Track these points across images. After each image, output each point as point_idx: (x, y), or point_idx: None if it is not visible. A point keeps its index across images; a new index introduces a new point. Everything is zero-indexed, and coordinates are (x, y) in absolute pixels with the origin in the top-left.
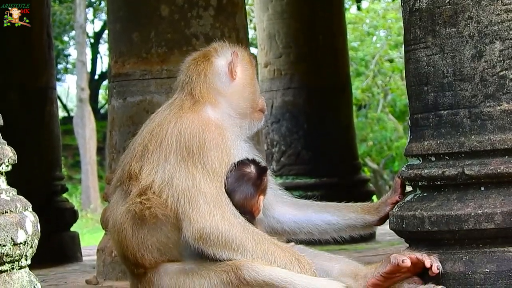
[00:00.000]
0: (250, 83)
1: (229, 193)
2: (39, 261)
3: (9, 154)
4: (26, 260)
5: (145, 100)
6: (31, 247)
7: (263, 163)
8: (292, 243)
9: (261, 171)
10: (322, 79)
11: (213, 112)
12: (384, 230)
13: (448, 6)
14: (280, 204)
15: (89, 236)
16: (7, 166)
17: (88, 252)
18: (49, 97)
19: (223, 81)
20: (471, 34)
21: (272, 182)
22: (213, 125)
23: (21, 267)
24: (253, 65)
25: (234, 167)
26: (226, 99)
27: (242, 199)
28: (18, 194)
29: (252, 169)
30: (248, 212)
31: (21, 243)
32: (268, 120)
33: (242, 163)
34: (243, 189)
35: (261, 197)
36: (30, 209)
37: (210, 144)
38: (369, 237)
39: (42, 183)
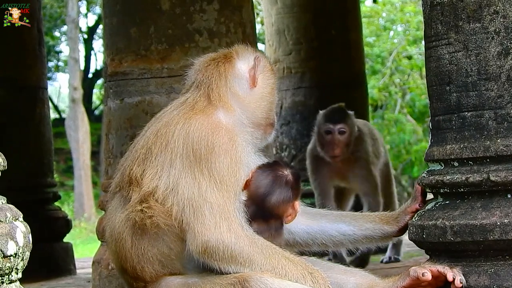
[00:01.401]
0: (270, 93)
1: (265, 195)
2: (30, 274)
3: None
4: (17, 273)
5: (144, 101)
6: (22, 259)
7: (294, 168)
8: (305, 256)
9: (297, 175)
10: (335, 77)
11: (225, 117)
12: (403, 241)
13: (472, 0)
14: None
15: (83, 247)
16: None
17: (82, 265)
18: (39, 98)
19: (243, 87)
20: (497, 29)
21: None
22: (224, 130)
23: (11, 281)
24: (275, 74)
25: (266, 168)
26: (242, 106)
27: (279, 202)
28: (7, 202)
29: (288, 172)
30: (278, 218)
31: (11, 255)
32: (277, 121)
33: (277, 164)
34: (281, 192)
35: (297, 202)
36: (21, 218)
37: (219, 150)
38: (387, 249)
39: (32, 190)
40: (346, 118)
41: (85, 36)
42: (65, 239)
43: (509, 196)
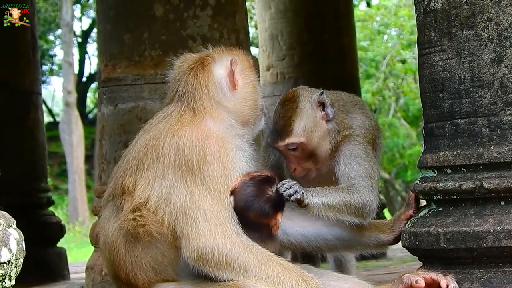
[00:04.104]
0: (253, 90)
1: (244, 208)
2: (23, 279)
3: None
4: (10, 280)
5: (138, 107)
6: (16, 266)
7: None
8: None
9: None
10: (328, 82)
11: (214, 125)
12: (395, 246)
13: (466, 7)
14: (288, 214)
15: (77, 251)
16: None
17: (76, 269)
18: (33, 104)
19: (225, 93)
20: (490, 37)
21: None
22: (214, 138)
23: None
24: (254, 70)
25: (252, 180)
26: (229, 110)
27: (257, 217)
28: (1, 209)
29: (273, 190)
30: (264, 228)
31: (4, 262)
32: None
33: (265, 180)
34: (258, 208)
35: (279, 214)
36: (15, 225)
37: (211, 158)
38: (380, 254)
39: (26, 195)
40: None
41: (79, 39)
42: (59, 243)
43: (502, 203)
